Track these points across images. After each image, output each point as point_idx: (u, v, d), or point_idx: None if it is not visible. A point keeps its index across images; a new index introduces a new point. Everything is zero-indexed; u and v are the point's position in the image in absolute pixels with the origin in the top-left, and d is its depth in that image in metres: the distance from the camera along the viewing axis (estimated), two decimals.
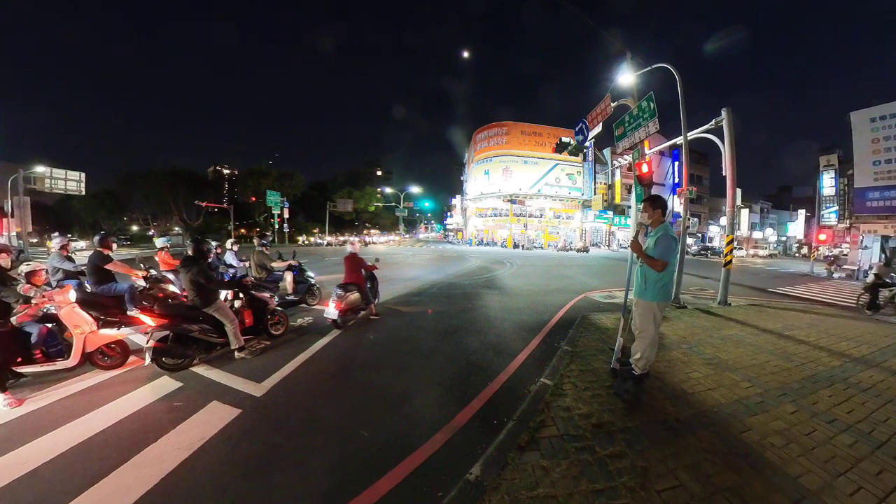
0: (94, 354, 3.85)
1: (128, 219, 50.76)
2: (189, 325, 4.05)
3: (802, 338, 5.41)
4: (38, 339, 3.59)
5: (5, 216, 21.36)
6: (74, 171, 25.74)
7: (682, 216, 8.24)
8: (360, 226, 63.97)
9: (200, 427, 2.83)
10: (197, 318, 4.15)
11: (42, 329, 3.64)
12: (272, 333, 5.01)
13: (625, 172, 8.06)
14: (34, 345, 3.57)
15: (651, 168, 6.06)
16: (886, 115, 19.05)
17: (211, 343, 4.23)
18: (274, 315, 5.15)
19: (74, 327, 3.73)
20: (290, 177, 51.57)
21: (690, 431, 2.70)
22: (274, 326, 5.10)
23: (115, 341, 4.04)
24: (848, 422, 2.91)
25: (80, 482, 2.23)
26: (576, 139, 10.47)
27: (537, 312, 6.96)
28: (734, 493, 2.08)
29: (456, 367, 4.15)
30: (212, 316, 4.19)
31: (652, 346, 3.27)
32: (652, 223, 3.31)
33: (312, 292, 7.35)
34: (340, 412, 3.13)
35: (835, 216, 29.23)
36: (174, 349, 3.98)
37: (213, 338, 4.21)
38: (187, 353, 4.05)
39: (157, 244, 7.31)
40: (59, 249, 5.49)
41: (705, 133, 7.96)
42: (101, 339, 3.89)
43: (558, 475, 2.21)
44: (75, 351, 3.68)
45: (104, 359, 3.95)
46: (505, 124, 45.00)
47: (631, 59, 8.98)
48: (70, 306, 3.84)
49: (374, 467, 2.38)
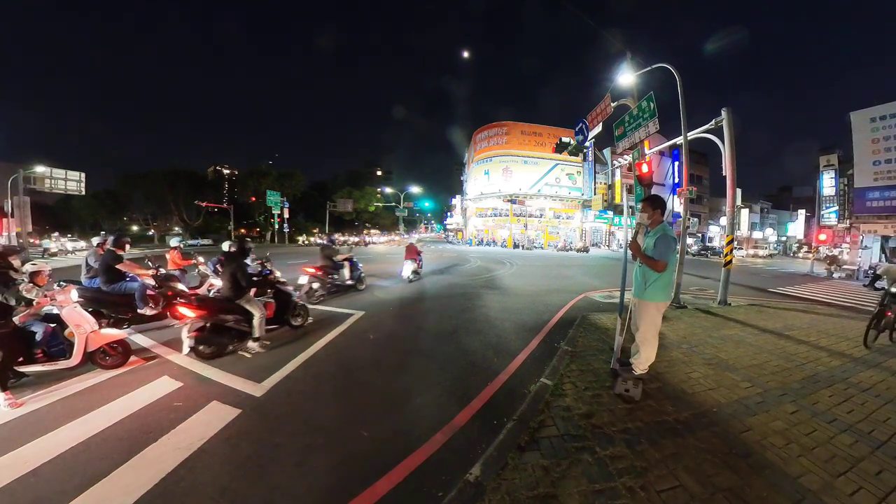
0: (95, 354, 3.87)
1: (128, 219, 50.75)
2: (224, 315, 4.40)
3: (802, 338, 5.41)
4: (42, 338, 3.61)
5: (5, 216, 21.36)
6: (74, 171, 25.73)
7: (682, 216, 8.24)
8: (360, 226, 63.95)
9: (200, 427, 2.83)
10: (231, 309, 4.46)
11: (46, 328, 3.67)
12: (293, 325, 5.39)
13: (625, 172, 8.05)
14: (37, 344, 3.59)
15: (651, 168, 6.05)
16: (886, 115, 19.06)
17: (243, 332, 4.51)
18: (295, 308, 5.50)
19: (76, 327, 3.75)
20: (290, 177, 51.55)
21: (690, 431, 2.70)
22: (294, 318, 5.46)
23: (117, 341, 4.05)
24: (848, 422, 2.91)
25: (80, 482, 2.23)
26: (576, 139, 10.45)
27: (537, 312, 6.96)
28: (734, 493, 2.08)
29: (456, 366, 4.15)
30: (243, 307, 4.50)
31: (652, 347, 3.27)
32: (651, 223, 3.31)
33: (361, 279, 9.16)
34: (340, 412, 3.13)
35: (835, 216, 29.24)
36: (211, 338, 4.31)
37: (244, 327, 4.50)
38: (222, 342, 4.35)
39: (172, 243, 7.61)
40: (95, 247, 5.77)
41: (705, 133, 7.96)
42: (102, 338, 3.91)
43: (558, 475, 2.21)
44: (77, 350, 3.70)
45: (106, 358, 3.96)
46: (505, 124, 45.00)
47: (631, 59, 8.98)
48: (71, 306, 3.87)
49: (374, 467, 2.38)
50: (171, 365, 4.06)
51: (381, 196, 57.02)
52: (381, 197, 57.00)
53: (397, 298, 8.15)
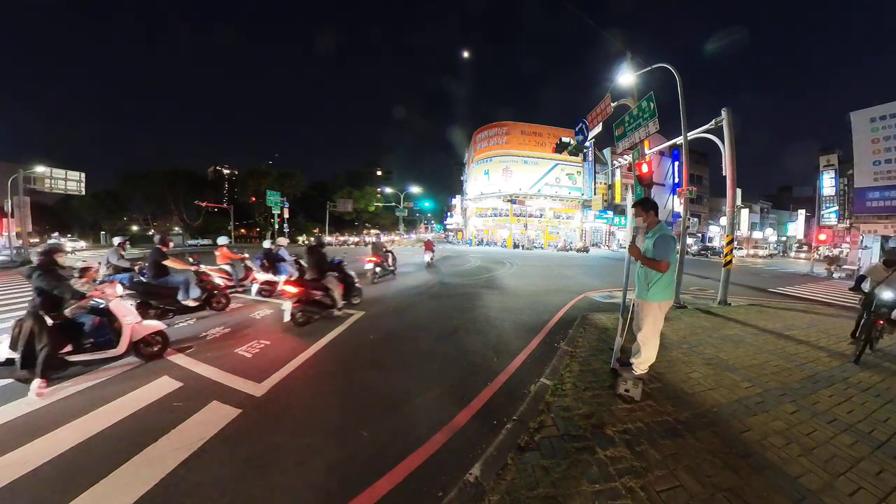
0: (138, 344, 4.13)
1: (128, 219, 50.76)
2: (313, 291, 5.79)
3: (802, 338, 5.41)
4: (91, 329, 3.88)
5: (5, 216, 21.34)
6: (74, 171, 25.70)
7: (682, 216, 8.23)
8: (360, 226, 63.93)
9: (200, 427, 2.82)
10: (317, 288, 5.90)
11: (95, 319, 3.95)
12: (352, 302, 6.92)
13: (625, 172, 8.04)
14: (86, 335, 3.85)
15: (651, 168, 6.04)
16: (886, 115, 19.07)
17: (326, 305, 5.93)
18: (354, 290, 6.98)
19: (123, 317, 4.04)
20: (290, 177, 51.54)
21: (690, 431, 2.70)
22: (354, 298, 6.98)
23: (157, 331, 4.32)
24: (848, 422, 2.91)
25: (80, 482, 2.23)
26: (576, 139, 10.45)
27: (537, 312, 6.96)
28: (734, 493, 2.08)
29: (456, 367, 4.15)
30: (325, 285, 5.98)
31: (653, 347, 3.27)
32: (647, 225, 3.31)
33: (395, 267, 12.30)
34: (340, 412, 3.13)
35: (835, 216, 29.26)
36: (305, 309, 5.64)
37: (327, 301, 5.93)
38: (312, 311, 5.72)
39: (220, 241, 8.66)
40: (116, 247, 6.61)
41: (705, 133, 7.96)
42: (144, 329, 4.19)
43: (558, 475, 2.21)
44: (123, 339, 3.97)
45: (146, 348, 4.22)
46: (505, 124, 44.99)
47: (631, 59, 8.98)
48: (118, 299, 4.16)
49: (374, 467, 2.38)
50: (172, 365, 4.06)
51: (381, 196, 57.00)
52: (381, 197, 56.98)
53: (397, 299, 8.16)
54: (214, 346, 4.68)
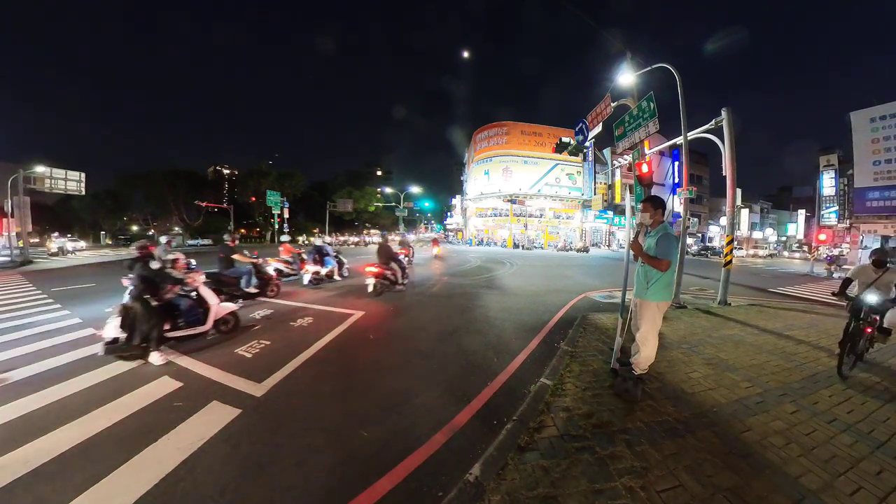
0: (217, 322, 4.90)
1: (128, 219, 50.72)
2: (386, 271, 8.42)
3: (802, 338, 5.42)
4: (186, 309, 4.61)
5: (5, 216, 21.33)
6: (74, 171, 25.67)
7: (682, 216, 8.23)
8: (360, 226, 63.90)
9: (200, 427, 2.83)
10: (388, 269, 8.51)
11: (189, 301, 4.68)
12: (404, 283, 9.06)
13: (625, 172, 8.05)
14: (182, 314, 4.56)
15: (651, 168, 6.03)
16: (886, 115, 19.08)
17: (393, 281, 8.61)
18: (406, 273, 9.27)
19: (210, 300, 4.85)
20: (290, 177, 51.49)
21: (690, 431, 2.70)
22: (405, 279, 9.16)
23: (232, 312, 5.14)
24: (848, 422, 2.91)
25: (80, 482, 2.23)
26: (576, 139, 10.44)
27: (537, 312, 6.96)
28: (734, 493, 2.08)
29: (456, 367, 4.15)
30: (393, 268, 8.63)
31: (652, 346, 3.27)
32: (652, 223, 3.31)
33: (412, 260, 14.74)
34: (340, 412, 3.13)
35: (835, 216, 29.26)
36: (382, 283, 8.31)
37: (392, 279, 8.59)
38: (386, 284, 8.45)
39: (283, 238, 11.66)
40: (164, 244, 7.50)
41: (705, 133, 7.95)
42: (223, 309, 5.02)
43: (558, 475, 2.21)
44: (210, 318, 4.77)
45: (223, 325, 5.04)
46: (505, 124, 44.98)
47: (631, 59, 8.97)
48: (202, 285, 4.90)
49: (374, 467, 2.38)
50: (172, 365, 4.06)
51: (381, 196, 56.95)
52: (381, 197, 56.93)
53: (397, 298, 8.17)
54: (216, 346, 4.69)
